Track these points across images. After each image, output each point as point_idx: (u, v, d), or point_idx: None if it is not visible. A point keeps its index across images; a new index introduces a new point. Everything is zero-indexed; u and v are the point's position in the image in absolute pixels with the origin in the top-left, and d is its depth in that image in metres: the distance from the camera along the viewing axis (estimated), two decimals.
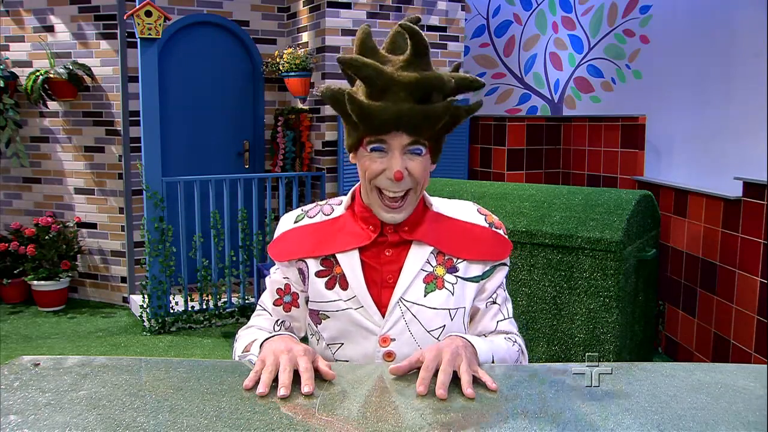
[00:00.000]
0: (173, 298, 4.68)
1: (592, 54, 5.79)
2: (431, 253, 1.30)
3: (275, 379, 1.06)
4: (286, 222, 1.38)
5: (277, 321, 1.38)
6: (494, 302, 1.35)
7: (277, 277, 1.38)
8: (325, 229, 1.33)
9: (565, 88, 5.97)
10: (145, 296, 4.59)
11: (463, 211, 1.38)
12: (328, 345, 1.31)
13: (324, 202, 1.40)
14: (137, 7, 4.29)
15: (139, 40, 4.36)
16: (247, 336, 1.35)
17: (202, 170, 5.09)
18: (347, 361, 1.29)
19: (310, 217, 1.36)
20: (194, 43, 5.24)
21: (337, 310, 1.29)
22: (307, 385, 1.04)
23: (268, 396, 1.02)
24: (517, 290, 3.42)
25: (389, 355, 1.27)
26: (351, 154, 1.29)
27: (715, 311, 3.65)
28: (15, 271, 5.11)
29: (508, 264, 1.39)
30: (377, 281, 1.28)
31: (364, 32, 1.25)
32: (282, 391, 1.03)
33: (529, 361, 1.40)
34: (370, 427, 0.92)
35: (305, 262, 1.32)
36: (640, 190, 3.86)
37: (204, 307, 4.75)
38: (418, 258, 1.28)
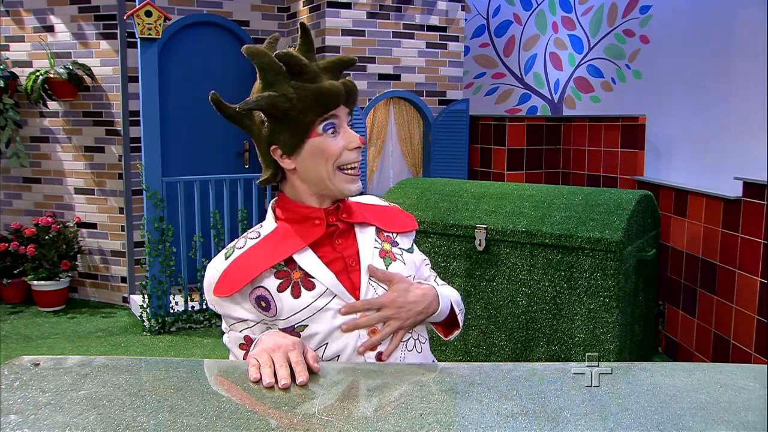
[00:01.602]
0: (173, 298, 4.68)
1: (592, 54, 5.79)
2: (374, 232, 1.37)
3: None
4: (217, 264, 1.30)
5: None
6: (428, 266, 1.49)
7: (233, 333, 1.31)
8: (264, 246, 1.29)
9: (565, 88, 5.97)
10: (145, 296, 4.59)
11: (366, 198, 1.48)
12: (315, 349, 1.29)
13: (243, 235, 1.36)
14: (137, 7, 4.29)
15: (139, 40, 4.36)
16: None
17: (202, 170, 5.09)
18: (338, 357, 1.29)
19: (240, 248, 1.30)
20: (194, 43, 5.24)
21: (313, 313, 1.27)
22: (301, 376, 1.06)
23: (267, 396, 1.02)
24: (517, 290, 3.42)
25: (373, 331, 1.30)
26: (288, 159, 1.28)
27: (715, 311, 3.65)
28: (15, 271, 5.11)
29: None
30: (342, 268, 1.30)
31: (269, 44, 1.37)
32: (283, 381, 1.05)
33: (529, 361, 1.40)
34: (370, 427, 0.92)
35: (261, 284, 1.27)
36: (640, 190, 3.87)
37: (204, 307, 4.75)
38: (368, 238, 1.35)
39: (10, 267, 5.11)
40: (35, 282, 5.02)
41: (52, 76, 4.93)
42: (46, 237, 5.00)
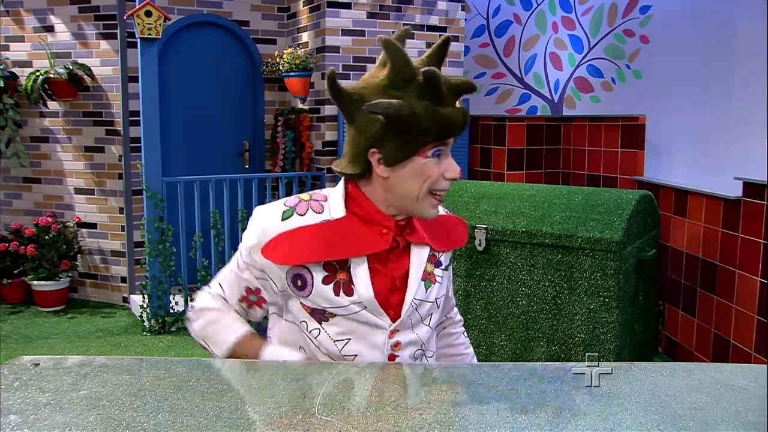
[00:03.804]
0: (173, 298, 4.68)
1: (592, 54, 5.79)
2: (428, 253, 1.36)
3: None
4: (272, 219, 1.29)
5: (233, 311, 1.39)
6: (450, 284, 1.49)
7: (248, 276, 1.33)
8: (328, 231, 1.27)
9: (565, 88, 5.97)
10: (145, 296, 4.59)
11: None
12: (334, 340, 1.30)
13: (307, 196, 1.33)
14: (137, 7, 4.29)
15: (139, 40, 4.36)
16: (223, 331, 1.37)
17: (202, 170, 5.09)
18: (355, 355, 1.29)
19: (301, 215, 1.29)
20: (194, 43, 5.24)
21: (346, 314, 1.28)
22: None
23: (267, 396, 1.02)
24: (517, 290, 3.42)
25: (397, 345, 1.32)
26: (384, 167, 1.24)
27: (715, 311, 3.65)
28: (15, 271, 5.11)
29: None
30: (387, 286, 1.30)
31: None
32: None
33: (529, 361, 1.41)
34: (370, 427, 0.92)
35: (308, 267, 1.27)
36: (640, 190, 3.86)
37: None
38: (420, 260, 1.34)
39: (10, 267, 5.11)
40: (35, 282, 5.02)
41: (52, 76, 4.93)
42: (46, 237, 5.00)
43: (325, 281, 1.27)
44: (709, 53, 4.79)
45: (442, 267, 1.39)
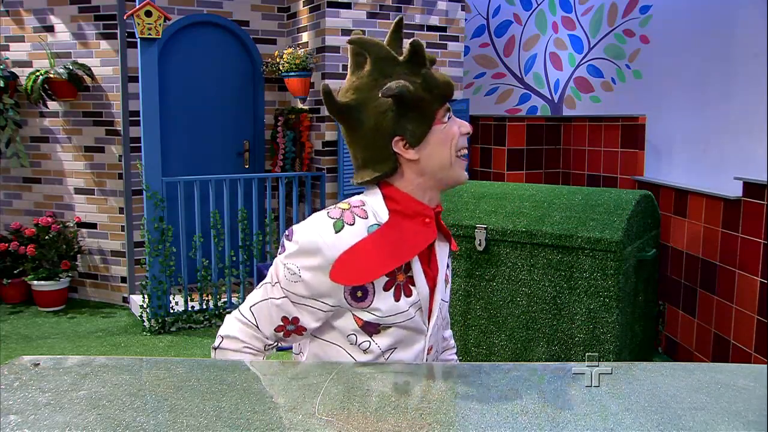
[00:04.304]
0: (173, 298, 4.68)
1: (592, 54, 5.79)
2: (448, 252, 1.38)
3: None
4: (326, 236, 1.21)
5: (266, 345, 1.30)
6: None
7: (287, 305, 1.24)
8: (384, 238, 1.23)
9: (565, 88, 5.97)
10: (145, 296, 4.59)
11: None
12: (383, 351, 1.27)
13: (346, 205, 1.28)
14: (137, 7, 4.29)
15: (139, 40, 4.36)
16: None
17: (202, 170, 5.09)
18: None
19: (350, 224, 1.23)
20: (194, 43, 5.24)
21: (405, 320, 1.25)
22: None
23: (267, 396, 1.02)
24: (517, 290, 3.42)
25: (430, 350, 1.33)
26: (412, 150, 1.24)
27: (715, 311, 3.65)
28: (15, 271, 5.11)
29: None
30: (431, 286, 1.31)
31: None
32: None
33: (529, 361, 1.41)
34: (370, 427, 0.92)
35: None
36: (640, 190, 3.86)
37: (204, 307, 4.75)
38: (443, 260, 1.36)
39: (10, 267, 5.11)
40: (35, 282, 5.02)
41: (52, 76, 4.93)
42: (46, 237, 5.00)
43: (386, 287, 1.24)
44: (709, 53, 4.79)
45: (450, 267, 1.43)
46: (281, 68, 5.02)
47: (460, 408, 0.99)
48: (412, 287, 1.26)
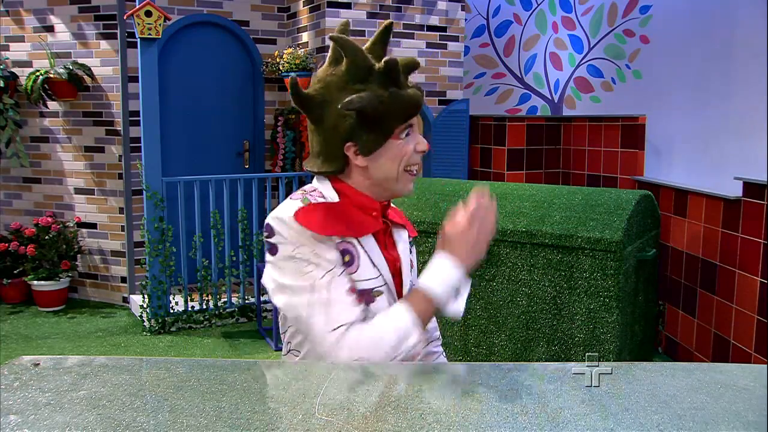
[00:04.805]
0: (173, 298, 4.68)
1: (592, 54, 5.79)
2: (407, 238, 1.44)
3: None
4: (295, 206, 1.29)
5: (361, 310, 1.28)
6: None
7: (335, 278, 1.24)
8: (343, 210, 1.30)
9: (565, 88, 5.97)
10: (145, 296, 4.59)
11: None
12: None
13: (300, 192, 1.35)
14: (137, 7, 4.29)
15: (139, 40, 4.36)
16: (386, 324, 1.26)
17: (202, 170, 5.09)
18: None
19: (315, 200, 1.31)
20: (194, 43, 5.24)
21: (381, 285, 1.32)
22: None
23: (267, 396, 1.02)
24: (517, 290, 3.42)
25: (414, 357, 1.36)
26: (361, 158, 1.29)
27: (715, 311, 3.65)
28: (15, 271, 5.11)
29: None
30: (391, 269, 1.35)
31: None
32: None
33: (529, 361, 1.42)
34: (370, 427, 0.92)
35: (348, 239, 1.28)
36: (640, 190, 3.86)
37: (204, 307, 4.75)
38: (405, 244, 1.42)
39: (10, 267, 5.11)
40: (35, 282, 5.02)
41: (52, 76, 4.93)
42: (46, 237, 5.00)
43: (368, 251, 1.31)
44: (709, 53, 4.79)
45: (413, 252, 1.48)
46: (281, 68, 5.02)
47: (460, 408, 0.99)
48: (375, 267, 1.31)
